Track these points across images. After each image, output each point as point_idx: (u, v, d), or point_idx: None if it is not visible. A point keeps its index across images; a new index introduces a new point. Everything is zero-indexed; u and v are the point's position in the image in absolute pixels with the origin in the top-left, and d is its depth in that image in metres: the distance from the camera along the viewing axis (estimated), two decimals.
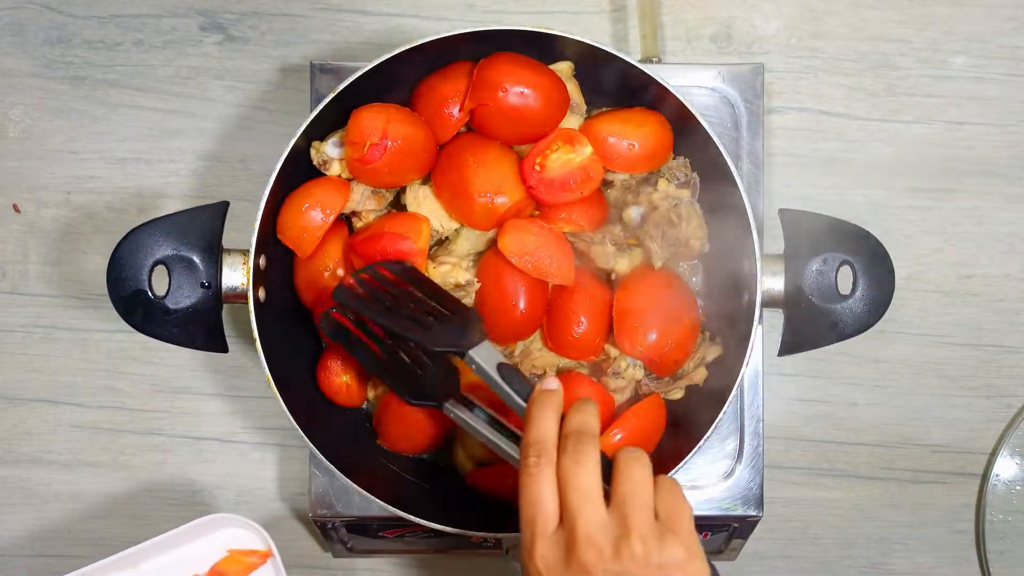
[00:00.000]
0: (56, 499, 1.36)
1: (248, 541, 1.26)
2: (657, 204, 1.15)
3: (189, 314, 1.11)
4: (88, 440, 1.37)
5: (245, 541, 1.26)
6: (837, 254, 1.11)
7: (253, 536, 1.26)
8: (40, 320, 1.37)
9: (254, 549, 1.26)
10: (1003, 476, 1.36)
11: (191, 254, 1.11)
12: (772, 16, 1.39)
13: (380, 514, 1.20)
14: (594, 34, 1.36)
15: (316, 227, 1.13)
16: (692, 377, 1.17)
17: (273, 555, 1.24)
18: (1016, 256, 1.38)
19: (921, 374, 1.37)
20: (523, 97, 1.12)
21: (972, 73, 1.38)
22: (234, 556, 1.26)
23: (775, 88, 1.37)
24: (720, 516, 1.23)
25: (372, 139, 1.11)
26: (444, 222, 1.16)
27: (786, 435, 1.37)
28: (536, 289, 1.15)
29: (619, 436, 1.15)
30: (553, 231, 1.15)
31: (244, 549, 1.26)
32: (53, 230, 1.37)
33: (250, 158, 1.37)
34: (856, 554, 1.37)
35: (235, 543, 1.26)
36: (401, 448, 1.21)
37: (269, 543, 1.24)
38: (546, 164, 1.14)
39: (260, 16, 1.39)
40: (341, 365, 1.18)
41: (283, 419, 1.11)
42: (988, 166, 1.38)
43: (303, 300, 1.17)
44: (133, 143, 1.38)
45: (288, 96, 1.38)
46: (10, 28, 1.39)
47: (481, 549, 1.31)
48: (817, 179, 1.38)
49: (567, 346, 1.16)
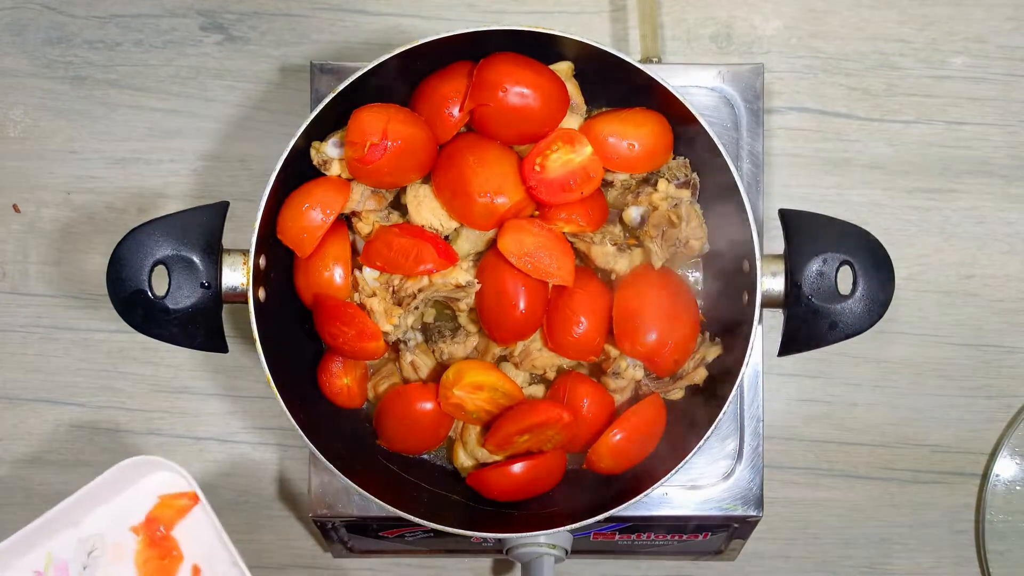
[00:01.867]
0: (56, 499, 1.36)
1: (175, 484, 1.26)
2: (657, 204, 1.15)
3: (189, 314, 1.11)
4: (88, 440, 1.37)
5: (172, 485, 1.26)
6: (837, 254, 1.11)
7: (178, 478, 1.26)
8: (40, 320, 1.37)
9: (182, 492, 1.26)
10: (1003, 476, 1.36)
11: (191, 254, 1.11)
12: (772, 16, 1.39)
13: (380, 514, 1.20)
14: (594, 34, 1.36)
15: (316, 227, 1.13)
16: (692, 377, 1.17)
17: (199, 499, 1.24)
18: (1016, 256, 1.38)
19: (921, 374, 1.37)
20: (523, 97, 1.12)
21: (972, 73, 1.39)
22: (165, 501, 1.26)
23: (775, 88, 1.37)
24: (720, 516, 1.23)
25: (372, 139, 1.11)
26: (444, 222, 1.16)
27: (786, 435, 1.37)
28: (536, 289, 1.15)
29: (619, 436, 1.15)
30: (553, 231, 1.15)
31: (173, 493, 1.26)
32: (53, 230, 1.37)
33: (250, 158, 1.37)
34: (856, 554, 1.37)
35: (163, 488, 1.26)
36: (401, 448, 1.21)
37: (192, 485, 1.24)
38: (546, 164, 1.14)
39: (260, 16, 1.39)
40: (342, 367, 1.18)
41: (283, 419, 1.10)
42: (988, 166, 1.38)
43: (303, 300, 1.17)
44: (133, 143, 1.38)
45: (288, 96, 1.38)
46: (10, 28, 1.39)
47: (481, 549, 1.31)
48: (817, 179, 1.38)
49: (567, 346, 1.16)
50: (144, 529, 1.25)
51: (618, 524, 1.26)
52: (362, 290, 1.14)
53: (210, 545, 1.25)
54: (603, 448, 1.15)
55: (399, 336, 1.16)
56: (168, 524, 1.25)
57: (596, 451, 1.15)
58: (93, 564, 1.25)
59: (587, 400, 1.16)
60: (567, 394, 1.16)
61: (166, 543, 1.25)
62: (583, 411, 1.16)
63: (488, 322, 1.16)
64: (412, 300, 1.14)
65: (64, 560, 1.25)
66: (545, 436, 1.15)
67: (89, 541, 1.25)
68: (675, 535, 1.28)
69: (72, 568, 1.25)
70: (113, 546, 1.25)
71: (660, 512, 1.23)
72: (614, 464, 1.16)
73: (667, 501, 1.23)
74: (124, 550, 1.25)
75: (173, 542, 1.25)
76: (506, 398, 1.16)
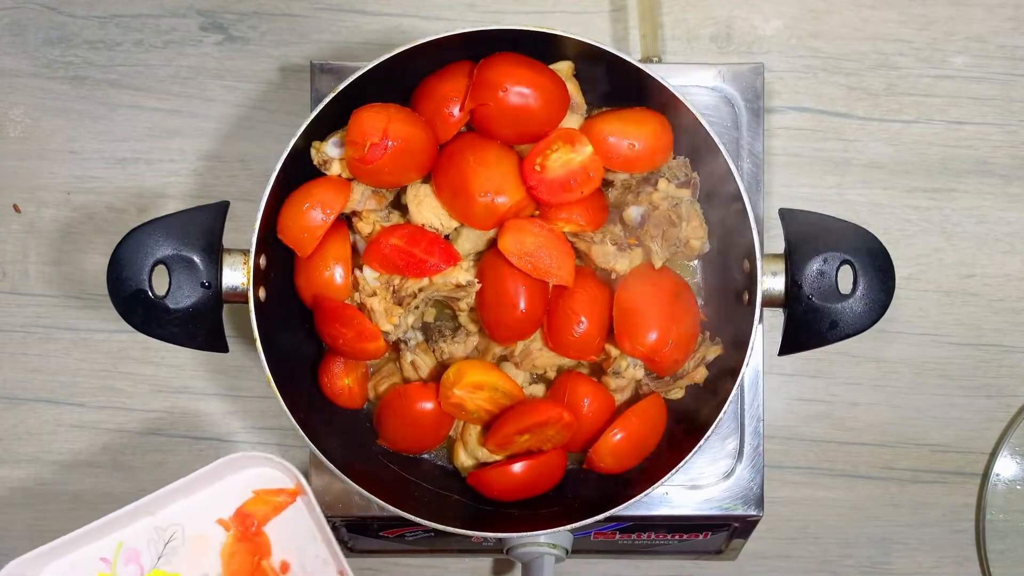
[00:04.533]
0: (56, 499, 1.36)
1: (275, 480, 1.22)
2: (657, 204, 1.15)
3: (189, 314, 1.11)
4: (88, 440, 1.37)
5: (272, 480, 1.22)
6: (837, 254, 1.11)
7: (280, 475, 1.22)
8: (40, 320, 1.37)
9: (281, 488, 1.22)
10: (1003, 476, 1.36)
11: (191, 254, 1.11)
12: (772, 16, 1.39)
13: (380, 514, 1.20)
14: (594, 34, 1.36)
15: (316, 227, 1.13)
16: (692, 377, 1.17)
17: (304, 492, 1.20)
18: (1016, 256, 1.38)
19: (921, 374, 1.37)
20: (523, 97, 1.12)
21: (972, 73, 1.39)
22: (260, 496, 1.22)
23: (775, 88, 1.37)
24: (720, 516, 1.23)
25: (372, 139, 1.11)
26: (444, 222, 1.16)
27: (786, 435, 1.37)
28: (536, 289, 1.15)
29: (619, 436, 1.15)
30: (553, 231, 1.15)
31: (271, 489, 1.22)
32: (53, 230, 1.37)
33: (250, 158, 1.37)
34: (856, 554, 1.37)
35: (260, 483, 1.22)
36: (401, 448, 1.21)
37: (299, 479, 1.20)
38: (546, 164, 1.14)
39: (260, 16, 1.39)
40: (343, 368, 1.18)
41: (283, 419, 1.10)
42: (988, 166, 1.38)
43: (303, 300, 1.17)
44: (133, 143, 1.38)
45: (288, 96, 1.38)
46: (10, 28, 1.39)
47: (481, 549, 1.31)
48: (817, 179, 1.38)
49: (567, 346, 1.16)
50: (235, 523, 1.22)
51: (618, 524, 1.26)
52: (362, 290, 1.14)
53: (302, 540, 1.22)
54: (603, 448, 1.15)
55: (399, 336, 1.16)
56: (262, 519, 1.22)
57: (596, 451, 1.15)
58: (170, 554, 1.21)
59: (587, 400, 1.16)
60: (567, 394, 1.16)
61: (258, 538, 1.22)
62: (583, 411, 1.16)
63: (488, 322, 1.16)
64: (412, 300, 1.14)
65: (136, 549, 1.21)
66: (545, 436, 1.15)
67: (167, 531, 1.22)
68: (675, 535, 1.28)
69: (145, 556, 1.21)
70: (195, 538, 1.22)
71: (660, 512, 1.23)
72: (614, 464, 1.16)
73: (667, 501, 1.23)
74: (208, 542, 1.22)
75: (264, 537, 1.22)
76: (506, 398, 1.16)
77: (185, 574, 1.22)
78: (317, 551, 1.22)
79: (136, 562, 1.22)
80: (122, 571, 1.22)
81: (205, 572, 1.22)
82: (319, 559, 1.22)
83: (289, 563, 1.22)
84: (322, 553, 1.22)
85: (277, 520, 1.22)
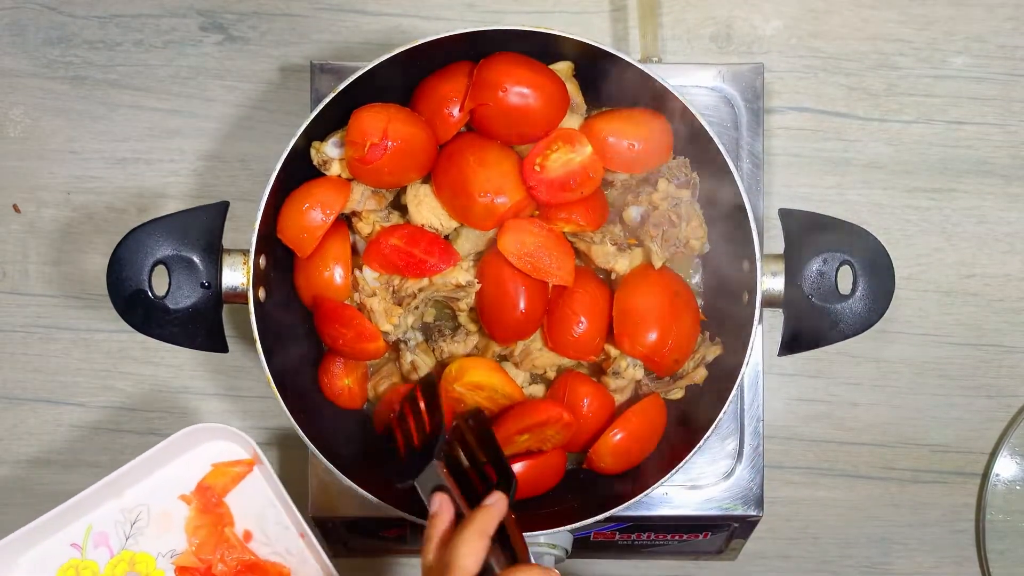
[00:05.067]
0: (56, 499, 1.36)
1: (232, 452, 1.25)
2: (657, 204, 1.15)
3: (189, 314, 1.11)
4: (88, 440, 1.37)
5: (228, 453, 1.25)
6: (837, 254, 1.11)
7: (236, 447, 1.24)
8: (40, 320, 1.37)
9: (238, 459, 1.25)
10: (1003, 476, 1.36)
11: (191, 254, 1.11)
12: (772, 16, 1.39)
13: (380, 514, 1.20)
14: (594, 34, 1.36)
15: (316, 227, 1.13)
16: (692, 377, 1.17)
17: (261, 461, 1.23)
18: (1016, 256, 1.38)
19: (921, 374, 1.37)
20: (523, 97, 1.12)
21: (972, 73, 1.38)
22: (219, 469, 1.25)
23: (775, 88, 1.37)
24: (720, 516, 1.23)
25: (372, 139, 1.11)
26: (444, 222, 1.16)
27: (786, 435, 1.37)
28: (536, 289, 1.15)
29: (619, 436, 1.15)
30: (553, 231, 1.15)
31: (228, 461, 1.25)
32: (53, 230, 1.37)
33: (250, 158, 1.37)
34: (856, 554, 1.37)
35: (218, 456, 1.25)
36: None
37: (255, 449, 1.22)
38: (546, 164, 1.14)
39: (260, 16, 1.39)
40: (343, 368, 1.18)
41: (283, 419, 1.10)
42: (988, 166, 1.38)
43: (303, 300, 1.17)
44: (133, 143, 1.38)
45: (288, 96, 1.38)
46: (10, 28, 1.39)
47: None
48: (817, 179, 1.38)
49: (567, 346, 1.16)
50: (196, 497, 1.24)
51: (618, 524, 1.26)
52: (362, 290, 1.14)
53: (261, 508, 1.25)
54: (603, 448, 1.15)
55: (399, 336, 1.16)
56: (222, 491, 1.24)
57: (596, 451, 1.15)
58: (137, 533, 1.24)
59: (587, 400, 1.16)
60: (567, 394, 1.16)
61: (219, 509, 1.24)
62: (583, 411, 1.16)
63: (488, 322, 1.16)
64: (412, 300, 1.14)
65: (104, 532, 1.24)
66: (545, 436, 1.15)
67: (133, 512, 1.24)
68: (675, 535, 1.28)
69: (113, 539, 1.24)
70: (160, 515, 1.24)
71: (660, 512, 1.23)
72: (614, 464, 1.16)
73: (667, 501, 1.23)
74: (172, 518, 1.24)
75: (226, 508, 1.24)
76: (506, 399, 1.16)
77: (154, 552, 1.24)
78: (277, 517, 1.25)
79: (105, 544, 1.24)
80: (92, 555, 1.24)
81: (172, 548, 1.24)
82: (280, 525, 1.25)
83: (251, 531, 1.25)
84: (282, 519, 1.25)
85: (237, 490, 1.25)
